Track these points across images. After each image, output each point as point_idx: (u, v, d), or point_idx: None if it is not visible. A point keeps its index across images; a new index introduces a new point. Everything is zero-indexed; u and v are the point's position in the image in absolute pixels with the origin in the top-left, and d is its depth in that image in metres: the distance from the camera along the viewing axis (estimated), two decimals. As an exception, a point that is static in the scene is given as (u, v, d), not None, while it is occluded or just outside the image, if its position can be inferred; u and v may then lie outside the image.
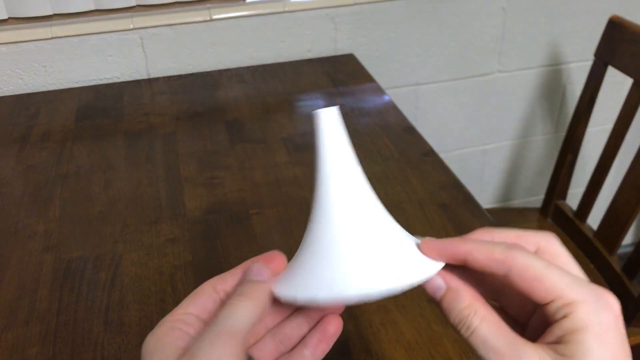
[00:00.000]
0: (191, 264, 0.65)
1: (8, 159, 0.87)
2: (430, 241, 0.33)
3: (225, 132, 0.92)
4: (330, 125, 0.34)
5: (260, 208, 0.74)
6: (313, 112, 0.33)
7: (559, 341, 0.28)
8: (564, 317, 0.28)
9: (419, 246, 0.33)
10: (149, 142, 0.90)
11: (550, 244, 0.32)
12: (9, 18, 1.05)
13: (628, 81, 1.06)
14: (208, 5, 1.12)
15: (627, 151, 1.15)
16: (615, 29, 1.08)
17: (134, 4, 1.08)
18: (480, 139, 1.45)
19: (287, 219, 0.72)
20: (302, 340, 0.36)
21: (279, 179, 0.80)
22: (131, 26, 1.09)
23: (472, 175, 1.50)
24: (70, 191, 0.79)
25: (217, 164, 0.84)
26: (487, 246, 0.31)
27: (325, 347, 0.36)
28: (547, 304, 0.29)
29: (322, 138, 0.34)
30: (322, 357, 0.36)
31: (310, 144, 0.88)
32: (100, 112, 1.01)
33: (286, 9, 1.15)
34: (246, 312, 0.32)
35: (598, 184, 1.14)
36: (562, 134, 1.34)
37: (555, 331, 0.29)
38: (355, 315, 0.58)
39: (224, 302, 0.34)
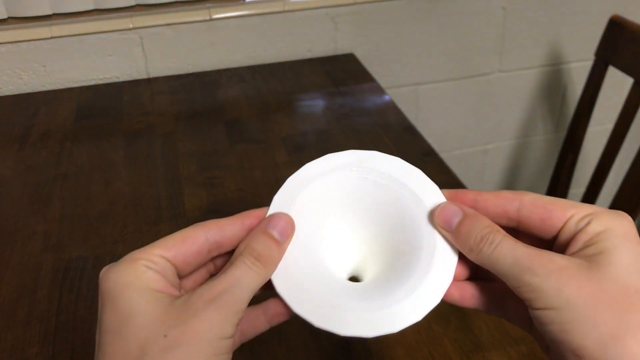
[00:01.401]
0: (191, 264, 0.65)
1: (7, 159, 0.87)
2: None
3: (225, 132, 0.92)
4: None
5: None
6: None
7: (585, 245, 0.28)
8: (587, 224, 0.28)
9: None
10: (149, 142, 0.90)
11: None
12: (9, 18, 1.05)
13: (629, 81, 1.06)
14: (208, 4, 1.12)
15: (627, 151, 1.15)
16: (616, 29, 1.08)
17: (133, 3, 1.08)
18: (481, 138, 1.45)
19: (287, 219, 0.72)
20: (261, 304, 0.32)
21: (279, 179, 0.79)
22: (131, 26, 1.09)
23: (473, 175, 1.49)
24: (70, 191, 0.79)
25: (217, 163, 0.84)
26: (493, 191, 0.31)
27: (283, 319, 0.32)
28: (565, 223, 0.29)
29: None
30: (276, 324, 0.33)
31: (309, 143, 0.88)
32: (100, 111, 1.00)
33: (286, 8, 1.14)
34: (258, 280, 0.29)
35: (599, 184, 1.14)
36: (563, 133, 1.34)
37: (581, 238, 0.28)
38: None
39: (211, 255, 0.30)
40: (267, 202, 0.32)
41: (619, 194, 1.06)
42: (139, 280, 0.28)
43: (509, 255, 0.28)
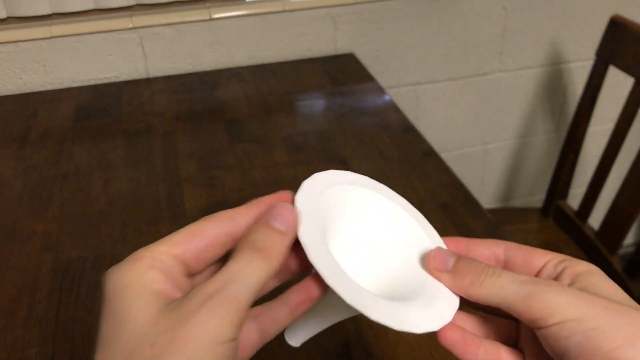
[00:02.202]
0: (191, 264, 0.65)
1: (7, 159, 0.87)
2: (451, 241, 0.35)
3: (225, 131, 0.92)
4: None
5: (260, 208, 0.74)
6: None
7: (570, 283, 0.30)
8: (565, 268, 0.30)
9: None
10: (149, 142, 0.90)
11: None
12: (8, 17, 1.05)
13: (629, 81, 1.06)
14: (208, 4, 1.12)
15: (628, 151, 1.15)
16: (617, 29, 1.08)
17: (133, 3, 1.08)
18: (481, 138, 1.45)
19: (287, 219, 0.72)
20: (281, 297, 0.30)
21: (279, 179, 0.80)
22: (130, 25, 1.09)
23: (473, 175, 1.49)
24: (70, 191, 0.79)
25: (217, 163, 0.84)
26: (481, 239, 0.34)
27: (306, 308, 0.30)
28: (545, 265, 0.31)
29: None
30: (299, 316, 0.31)
31: (309, 143, 0.88)
32: (100, 111, 1.00)
33: (286, 8, 1.14)
34: (259, 274, 0.26)
35: (599, 184, 1.14)
36: (563, 133, 1.34)
37: (564, 278, 0.30)
38: (356, 315, 0.58)
39: (227, 248, 0.27)
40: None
41: (619, 194, 1.06)
42: (138, 281, 0.25)
43: (516, 280, 0.29)
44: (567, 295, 0.28)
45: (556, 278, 0.31)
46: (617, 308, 0.27)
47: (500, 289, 0.29)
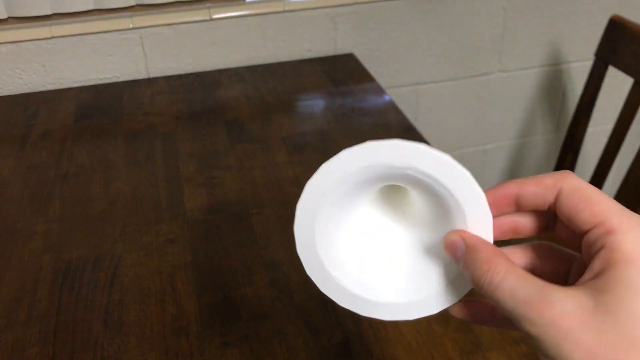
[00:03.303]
0: (191, 264, 0.65)
1: (7, 159, 0.87)
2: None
3: (225, 132, 0.92)
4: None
5: (260, 208, 0.74)
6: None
7: (598, 275, 0.25)
8: (603, 247, 0.25)
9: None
10: (149, 142, 0.90)
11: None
12: (9, 17, 1.05)
13: (629, 81, 1.06)
14: (208, 4, 1.12)
15: (627, 151, 1.15)
16: (616, 29, 1.08)
17: (133, 3, 1.08)
18: (481, 138, 1.45)
19: (287, 219, 0.72)
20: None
21: (279, 179, 0.80)
22: (131, 26, 1.09)
23: (473, 175, 1.49)
24: (70, 191, 0.79)
25: (217, 164, 0.84)
26: (535, 177, 0.29)
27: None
28: (588, 231, 0.26)
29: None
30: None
31: (309, 143, 0.88)
32: (100, 111, 1.00)
33: (286, 8, 1.14)
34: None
35: (599, 184, 1.14)
36: (563, 133, 1.34)
37: (595, 264, 0.25)
38: (356, 315, 0.58)
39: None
40: (267, 202, 0.32)
41: (619, 194, 1.06)
42: None
43: (508, 299, 0.26)
44: (555, 331, 0.25)
45: (590, 257, 0.26)
46: (608, 354, 0.23)
47: (497, 303, 0.27)
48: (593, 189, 0.27)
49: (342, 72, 1.12)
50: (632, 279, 0.24)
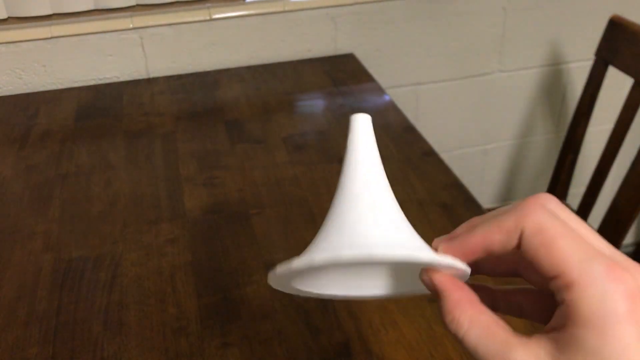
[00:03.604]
0: (191, 264, 0.65)
1: (8, 159, 0.87)
2: (447, 248, 0.29)
3: (225, 132, 0.92)
4: (363, 131, 0.35)
5: (260, 208, 0.74)
6: (351, 115, 0.35)
7: (559, 330, 0.24)
8: (563, 302, 0.24)
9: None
10: (149, 142, 0.90)
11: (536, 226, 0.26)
12: (9, 18, 1.05)
13: (629, 81, 1.06)
14: (208, 4, 1.12)
15: (627, 151, 1.15)
16: (616, 29, 1.08)
17: (133, 3, 1.08)
18: (481, 138, 1.45)
19: (287, 219, 0.72)
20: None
21: (279, 179, 0.80)
22: (131, 26, 1.09)
23: (473, 175, 1.49)
24: (70, 191, 0.79)
25: (217, 164, 0.84)
26: (496, 220, 0.26)
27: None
28: (551, 279, 0.25)
29: (356, 141, 0.34)
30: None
31: (309, 143, 0.88)
32: (100, 111, 1.00)
33: (286, 8, 1.14)
34: None
35: (599, 184, 1.14)
36: (563, 133, 1.34)
37: (557, 317, 0.25)
38: (356, 315, 0.58)
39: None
40: (267, 202, 0.32)
41: (619, 194, 1.06)
42: None
43: (473, 353, 0.26)
44: None
45: (556, 311, 0.26)
46: None
47: (468, 349, 0.27)
48: (558, 228, 0.25)
49: (342, 72, 1.12)
50: (589, 344, 0.23)
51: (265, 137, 0.90)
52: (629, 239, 1.69)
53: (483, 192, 1.53)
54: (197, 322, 0.58)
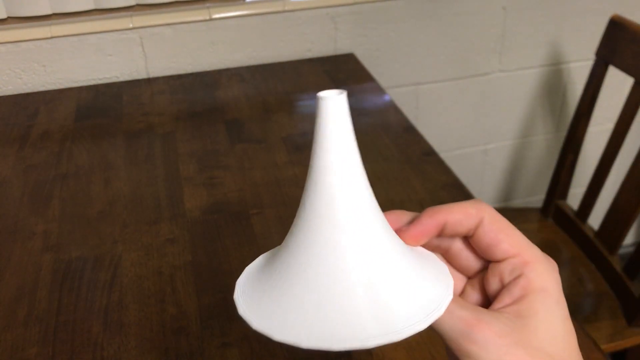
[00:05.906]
0: (191, 264, 0.65)
1: (7, 159, 0.87)
2: (409, 231, 0.31)
3: (225, 132, 0.92)
4: (335, 114, 0.29)
5: (260, 208, 0.74)
6: (318, 95, 0.28)
7: (518, 300, 0.29)
8: (521, 275, 0.29)
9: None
10: (149, 142, 0.90)
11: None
12: (8, 17, 1.05)
13: (629, 81, 1.06)
14: (208, 4, 1.12)
15: (628, 151, 1.15)
16: (616, 29, 1.08)
17: (133, 3, 1.08)
18: (481, 138, 1.45)
19: (287, 219, 0.72)
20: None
21: (279, 179, 0.80)
22: (130, 25, 1.09)
23: (473, 175, 1.49)
24: (70, 191, 0.79)
25: (217, 164, 0.84)
26: (459, 205, 0.31)
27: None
28: (504, 260, 0.30)
29: (324, 128, 0.29)
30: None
31: (309, 143, 0.88)
32: (100, 111, 1.00)
33: (286, 8, 1.14)
34: None
35: (599, 184, 1.14)
36: (563, 133, 1.34)
37: (514, 290, 0.29)
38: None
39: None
40: (267, 202, 0.32)
41: (619, 194, 1.06)
42: None
43: (447, 320, 0.28)
44: (495, 349, 0.27)
45: (507, 286, 0.29)
46: None
47: (436, 326, 0.29)
48: (507, 222, 0.31)
49: (342, 72, 1.12)
50: (549, 305, 0.28)
51: (265, 137, 0.90)
52: (629, 239, 1.69)
53: (483, 192, 1.53)
54: (197, 322, 0.58)
